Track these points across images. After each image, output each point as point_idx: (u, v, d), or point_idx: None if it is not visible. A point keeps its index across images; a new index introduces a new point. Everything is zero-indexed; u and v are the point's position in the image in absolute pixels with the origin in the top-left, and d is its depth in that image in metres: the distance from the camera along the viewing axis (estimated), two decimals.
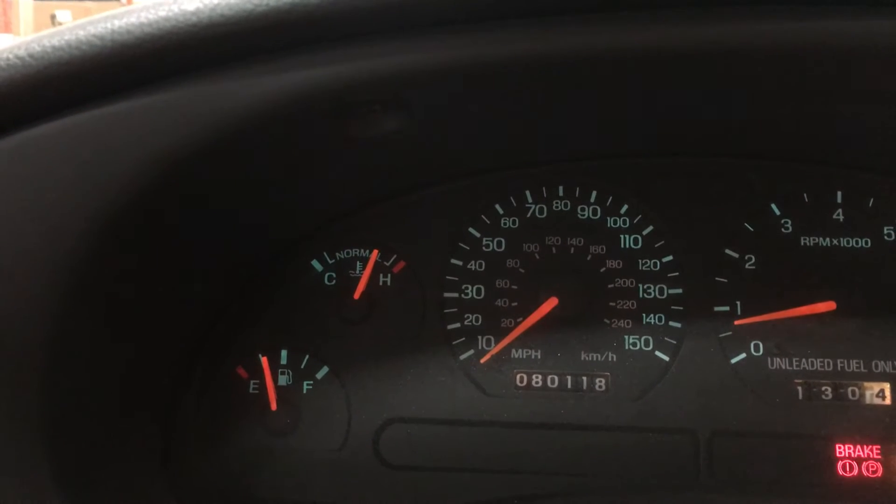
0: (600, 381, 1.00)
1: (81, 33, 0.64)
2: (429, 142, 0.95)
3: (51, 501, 0.72)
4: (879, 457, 0.96)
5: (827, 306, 0.98)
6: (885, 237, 1.01)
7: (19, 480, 0.70)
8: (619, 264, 1.04)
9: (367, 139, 0.85)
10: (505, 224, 1.07)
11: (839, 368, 0.98)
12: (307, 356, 1.04)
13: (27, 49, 0.65)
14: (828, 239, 1.02)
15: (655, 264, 1.03)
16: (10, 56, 0.65)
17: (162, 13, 0.64)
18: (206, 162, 0.73)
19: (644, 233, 1.05)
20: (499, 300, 1.04)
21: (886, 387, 0.97)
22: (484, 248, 1.06)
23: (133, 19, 0.65)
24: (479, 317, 1.04)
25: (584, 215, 1.06)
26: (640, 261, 1.04)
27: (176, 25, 0.64)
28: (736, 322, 1.00)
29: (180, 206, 0.80)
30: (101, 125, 0.67)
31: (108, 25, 0.64)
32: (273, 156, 0.82)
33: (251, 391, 1.03)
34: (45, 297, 0.70)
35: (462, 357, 1.02)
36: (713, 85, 0.82)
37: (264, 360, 1.03)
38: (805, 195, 1.03)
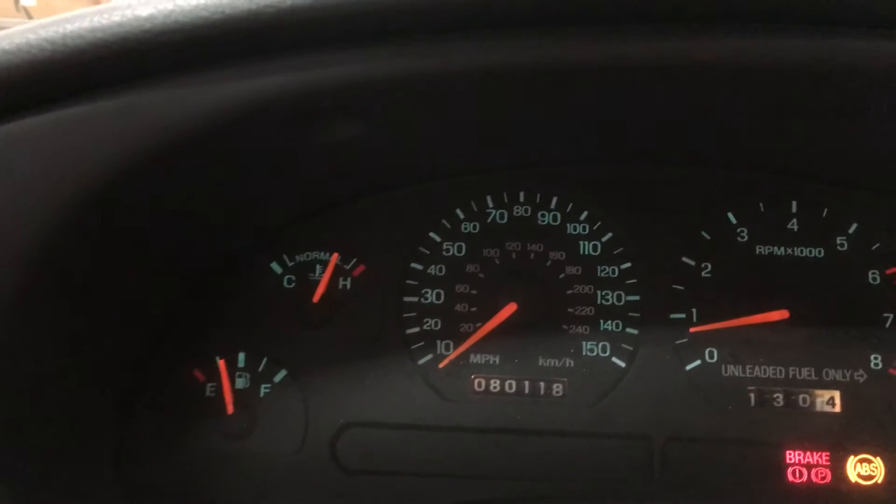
0: (557, 387, 1.01)
1: (32, 37, 0.63)
2: (389, 147, 0.94)
3: None
4: (828, 463, 0.97)
5: (780, 315, 1.00)
6: (838, 247, 1.03)
7: None
8: (577, 271, 1.04)
9: (327, 144, 0.84)
10: (465, 229, 1.07)
11: (791, 376, 1.00)
12: (265, 359, 1.03)
13: None
14: (782, 248, 1.03)
15: (614, 271, 1.04)
16: None
17: (116, 18, 0.63)
18: (162, 166, 0.73)
19: (603, 240, 1.05)
20: (458, 305, 1.04)
21: (836, 395, 0.99)
22: (444, 252, 1.06)
23: (85, 23, 0.64)
24: (439, 321, 1.04)
25: (544, 221, 1.06)
26: (598, 267, 1.05)
27: (130, 31, 0.63)
28: (691, 329, 1.01)
29: (136, 209, 0.79)
30: (54, 129, 0.66)
31: (60, 29, 0.64)
32: (231, 160, 0.81)
33: (208, 394, 1.03)
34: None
35: (421, 361, 1.03)
36: (673, 98, 0.83)
37: (221, 363, 1.02)
38: (761, 205, 1.05)
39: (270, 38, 0.64)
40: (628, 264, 1.04)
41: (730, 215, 1.05)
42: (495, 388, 1.02)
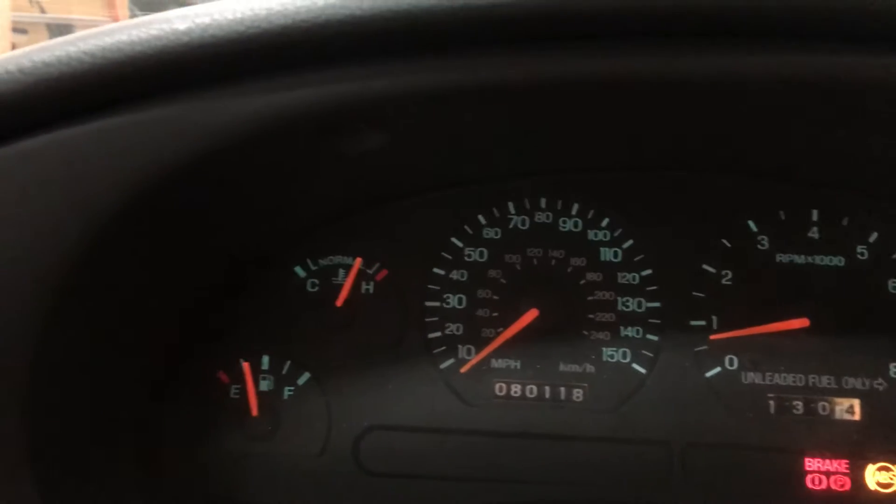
0: (578, 392, 1.02)
1: (72, 49, 0.65)
2: (413, 154, 0.96)
3: None
4: (847, 471, 0.98)
5: (800, 323, 1.00)
6: (859, 256, 1.04)
7: (1, 493, 0.71)
8: (598, 277, 1.05)
9: (353, 152, 0.86)
10: (487, 234, 1.08)
11: (811, 384, 1.00)
12: (289, 362, 1.05)
13: (17, 64, 0.65)
14: (803, 256, 1.04)
15: (634, 278, 1.05)
16: (1, 70, 0.65)
17: (153, 32, 0.65)
18: (194, 176, 0.74)
19: (624, 246, 1.06)
20: (480, 310, 1.05)
21: (856, 403, 1.00)
22: (466, 257, 1.07)
23: (123, 37, 0.65)
24: (461, 326, 1.05)
25: (565, 227, 1.07)
26: (619, 274, 1.05)
27: (167, 45, 0.64)
28: (711, 337, 1.02)
29: (166, 219, 0.80)
30: (90, 140, 0.68)
31: (99, 42, 0.65)
32: (259, 169, 0.82)
33: (232, 396, 1.04)
34: (31, 309, 0.70)
35: (443, 366, 1.04)
36: (696, 110, 0.84)
37: (246, 366, 1.03)
38: (782, 213, 1.05)
39: (304, 52, 0.66)
40: (649, 271, 1.05)
41: (750, 223, 1.05)
42: (516, 392, 1.03)
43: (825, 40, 0.69)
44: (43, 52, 0.65)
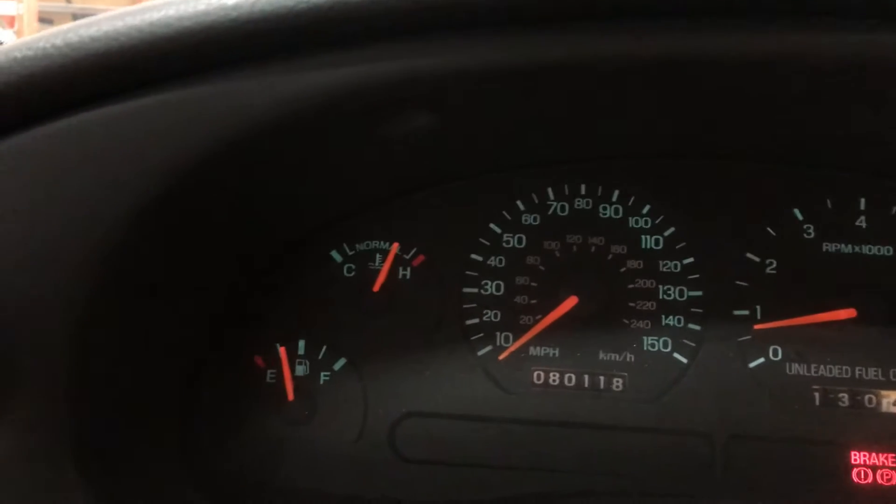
0: (618, 382, 1.01)
1: (120, 24, 0.64)
2: (454, 138, 0.94)
3: (74, 492, 0.72)
4: (894, 465, 0.96)
5: (847, 313, 0.97)
6: None
7: (44, 472, 0.70)
8: (639, 265, 1.03)
9: (394, 135, 0.85)
10: (526, 221, 1.06)
11: (857, 376, 0.98)
12: (325, 347, 1.04)
13: (64, 38, 0.65)
14: (850, 246, 1.02)
15: (676, 266, 1.03)
16: (48, 45, 0.64)
17: (201, 7, 0.64)
18: (237, 155, 0.73)
19: (665, 234, 1.04)
20: (518, 297, 1.04)
21: None
22: (504, 244, 1.06)
23: (171, 12, 0.64)
24: (499, 313, 1.04)
25: (605, 214, 1.06)
26: (660, 262, 1.03)
27: (215, 20, 0.63)
28: (755, 326, 1.00)
29: (208, 198, 0.79)
30: (135, 117, 0.67)
31: (147, 17, 0.64)
32: (301, 149, 0.82)
33: (268, 381, 1.04)
34: (74, 289, 0.70)
35: (480, 353, 1.02)
36: (738, 94, 0.82)
37: (282, 350, 1.03)
38: (828, 201, 1.03)
39: (352, 29, 0.65)
40: (691, 259, 1.03)
41: (796, 212, 1.03)
42: (555, 381, 1.01)
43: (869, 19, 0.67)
44: (90, 27, 0.65)
